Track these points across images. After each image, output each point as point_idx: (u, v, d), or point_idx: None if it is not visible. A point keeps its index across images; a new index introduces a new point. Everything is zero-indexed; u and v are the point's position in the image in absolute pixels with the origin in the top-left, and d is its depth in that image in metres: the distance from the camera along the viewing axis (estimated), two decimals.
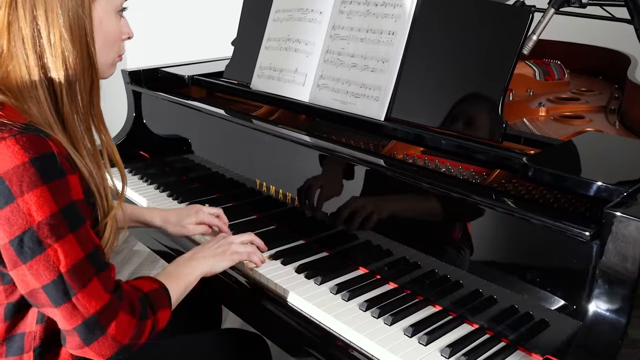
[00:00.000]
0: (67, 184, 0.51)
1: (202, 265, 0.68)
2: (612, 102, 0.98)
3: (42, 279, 0.50)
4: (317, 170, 0.81)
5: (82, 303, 0.51)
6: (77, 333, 0.51)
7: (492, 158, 0.68)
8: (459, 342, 0.60)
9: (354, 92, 0.84)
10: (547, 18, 0.89)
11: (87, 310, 0.51)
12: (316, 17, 0.91)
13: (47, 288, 0.50)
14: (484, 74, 0.72)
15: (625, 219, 0.51)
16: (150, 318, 0.57)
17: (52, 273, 0.50)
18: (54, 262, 0.49)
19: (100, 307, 0.52)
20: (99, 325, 0.52)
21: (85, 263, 0.51)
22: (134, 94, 1.17)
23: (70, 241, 0.50)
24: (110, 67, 0.60)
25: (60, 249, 0.50)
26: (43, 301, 0.51)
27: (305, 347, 0.66)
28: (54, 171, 0.50)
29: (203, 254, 0.70)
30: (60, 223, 0.49)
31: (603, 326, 0.53)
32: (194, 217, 0.80)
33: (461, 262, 0.65)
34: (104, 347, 0.52)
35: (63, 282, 0.50)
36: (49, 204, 0.49)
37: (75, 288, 0.50)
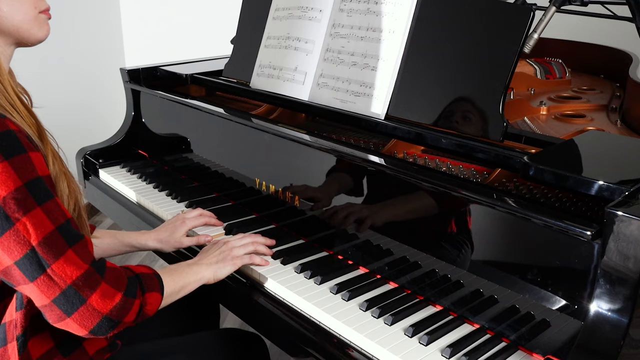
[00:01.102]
0: (30, 160, 0.50)
1: (204, 272, 0.68)
2: (613, 101, 0.98)
3: (14, 255, 0.49)
4: (317, 170, 0.80)
5: (57, 274, 0.50)
6: (56, 305, 0.50)
7: (493, 157, 0.68)
8: (459, 342, 0.59)
9: (354, 91, 0.84)
10: (548, 16, 0.89)
11: (64, 281, 0.50)
12: (316, 15, 0.90)
13: (20, 263, 0.49)
14: (484, 72, 0.71)
15: (627, 218, 0.50)
16: (138, 297, 0.56)
17: (23, 247, 0.49)
18: (24, 236, 0.49)
19: (77, 277, 0.51)
20: (78, 295, 0.51)
21: (56, 235, 0.50)
22: (133, 92, 1.16)
23: (39, 214, 0.50)
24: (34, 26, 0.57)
25: (29, 222, 0.49)
26: (18, 278, 0.50)
27: (304, 347, 0.65)
28: (13, 148, 0.49)
29: (206, 261, 0.70)
30: (26, 197, 0.49)
31: (604, 326, 0.52)
32: (182, 228, 0.80)
33: (462, 261, 0.64)
34: (85, 317, 0.51)
35: (36, 255, 0.49)
36: (13, 179, 0.49)
37: (49, 259, 0.50)
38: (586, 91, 1.04)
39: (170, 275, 0.63)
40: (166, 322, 0.82)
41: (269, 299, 0.70)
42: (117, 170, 1.13)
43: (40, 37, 0.59)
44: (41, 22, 0.58)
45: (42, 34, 0.59)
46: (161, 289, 0.60)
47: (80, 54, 1.99)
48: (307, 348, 0.65)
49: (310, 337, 0.64)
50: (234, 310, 0.83)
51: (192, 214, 0.83)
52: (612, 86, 1.09)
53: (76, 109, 1.98)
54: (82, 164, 1.15)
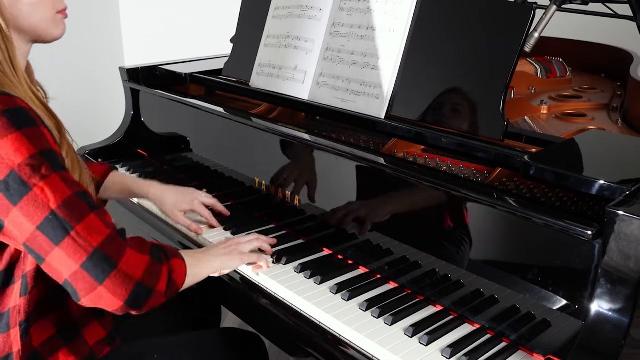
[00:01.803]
0: (42, 133, 0.52)
1: (214, 261, 0.68)
2: (614, 100, 0.97)
3: (35, 219, 0.50)
4: (317, 169, 0.80)
5: (82, 236, 0.50)
6: (86, 272, 0.50)
7: (493, 156, 0.68)
8: (460, 342, 0.59)
9: (354, 90, 0.83)
10: (549, 15, 0.88)
11: (90, 244, 0.50)
12: (316, 14, 0.90)
13: (43, 227, 0.50)
14: (485, 71, 0.71)
15: (628, 218, 0.50)
16: (165, 263, 0.56)
17: (44, 211, 0.49)
18: (42, 199, 0.50)
19: (102, 240, 0.51)
20: (107, 258, 0.50)
21: (75, 200, 0.51)
22: (132, 91, 1.16)
23: (55, 179, 0.51)
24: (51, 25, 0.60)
25: (46, 186, 0.50)
26: (44, 244, 0.50)
27: (304, 347, 0.65)
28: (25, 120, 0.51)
29: (215, 252, 0.70)
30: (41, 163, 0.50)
31: (605, 326, 0.52)
32: (188, 204, 0.81)
33: (462, 261, 0.64)
34: (118, 284, 0.51)
35: (57, 218, 0.50)
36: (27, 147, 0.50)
37: (72, 222, 0.50)
38: (587, 90, 1.04)
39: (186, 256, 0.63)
40: (166, 322, 0.82)
41: (268, 298, 0.70)
42: None
43: (56, 36, 0.61)
44: (58, 22, 0.60)
45: (59, 33, 0.61)
46: (183, 259, 0.60)
47: (79, 53, 1.98)
48: (306, 348, 0.65)
49: (310, 337, 0.64)
50: (234, 310, 0.83)
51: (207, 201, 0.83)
52: (613, 85, 1.08)
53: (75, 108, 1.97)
54: None
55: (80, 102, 2.04)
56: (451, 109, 0.74)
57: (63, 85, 1.98)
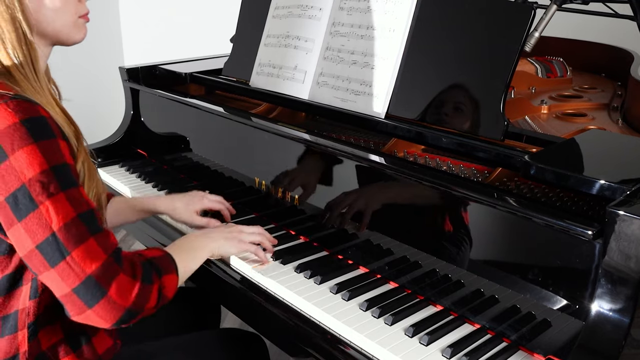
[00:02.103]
0: (58, 146, 0.52)
1: (211, 244, 0.69)
2: (615, 100, 0.97)
3: (36, 237, 0.50)
4: (317, 169, 0.80)
5: (77, 262, 0.50)
6: (76, 295, 0.51)
7: (493, 156, 0.68)
8: (460, 342, 0.59)
9: (354, 90, 0.83)
10: (550, 15, 0.88)
11: (83, 270, 0.50)
12: (316, 14, 0.90)
13: (42, 247, 0.50)
14: (485, 71, 0.71)
15: (629, 218, 0.50)
16: (155, 282, 0.56)
17: (45, 231, 0.50)
18: (46, 219, 0.50)
19: (96, 267, 0.51)
20: (98, 285, 0.51)
21: (77, 222, 0.51)
22: (132, 91, 1.16)
23: (61, 199, 0.50)
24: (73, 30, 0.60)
25: (51, 206, 0.50)
26: (39, 263, 0.51)
27: (304, 347, 0.65)
28: (43, 132, 0.51)
29: (212, 235, 0.71)
30: (50, 180, 0.50)
31: (606, 326, 0.52)
32: (199, 204, 0.81)
33: (462, 261, 0.64)
34: (107, 310, 0.51)
35: (56, 240, 0.50)
36: (39, 161, 0.50)
37: (69, 246, 0.50)
38: (587, 90, 1.04)
39: (180, 253, 0.63)
40: (166, 323, 0.82)
41: (268, 299, 0.70)
42: (116, 169, 1.13)
43: (77, 40, 0.61)
44: (80, 26, 0.61)
45: (80, 37, 0.61)
46: (175, 269, 0.60)
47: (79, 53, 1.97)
48: (306, 348, 0.65)
49: (310, 337, 0.64)
50: (234, 310, 0.83)
51: (213, 197, 0.83)
52: (613, 85, 1.08)
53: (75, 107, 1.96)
54: None
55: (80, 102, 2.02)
56: (451, 109, 0.74)
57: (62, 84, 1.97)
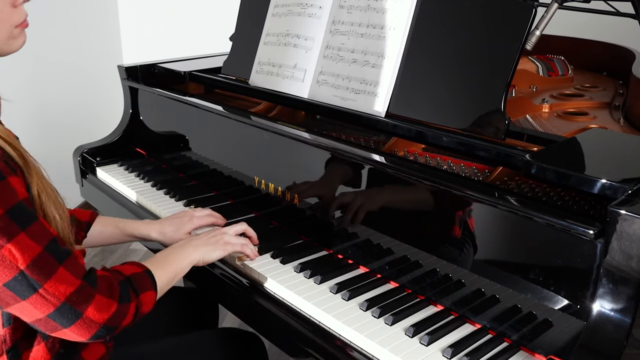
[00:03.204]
0: (9, 185, 0.50)
1: (194, 254, 0.68)
2: (616, 99, 0.97)
3: (2, 278, 0.49)
4: (316, 168, 0.80)
5: (50, 292, 0.50)
6: (51, 319, 0.51)
7: (494, 155, 0.67)
8: (460, 343, 0.59)
9: (354, 88, 0.83)
10: (551, 13, 0.88)
11: (57, 298, 0.50)
12: (316, 12, 0.89)
13: (10, 285, 0.49)
14: (486, 69, 0.70)
15: (630, 217, 0.50)
16: (132, 300, 0.56)
17: (12, 271, 0.49)
18: (11, 261, 0.49)
19: (69, 293, 0.51)
20: (73, 310, 0.51)
21: (44, 256, 0.50)
22: (131, 90, 1.16)
23: (23, 239, 0.49)
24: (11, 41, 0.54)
25: (14, 247, 0.49)
26: (7, 299, 0.50)
27: (304, 347, 0.65)
28: None
29: (195, 243, 0.70)
30: (8, 224, 0.49)
31: (607, 326, 0.52)
32: (189, 225, 0.79)
33: (463, 261, 0.64)
34: (82, 328, 0.52)
35: (25, 278, 0.49)
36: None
37: (40, 280, 0.50)
38: (589, 89, 1.03)
39: (161, 267, 0.63)
40: (165, 322, 0.82)
41: (268, 298, 0.70)
42: (115, 168, 1.12)
43: (14, 50, 0.56)
44: (16, 36, 0.55)
45: (17, 47, 0.56)
46: (154, 286, 0.60)
47: (77, 52, 1.98)
48: (306, 348, 0.64)
49: (310, 337, 0.64)
50: (233, 310, 0.82)
51: (202, 213, 0.81)
52: (615, 84, 1.08)
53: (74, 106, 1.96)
54: (80, 162, 1.14)
55: (79, 101, 2.03)
56: (452, 107, 0.73)
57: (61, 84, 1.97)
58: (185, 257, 0.67)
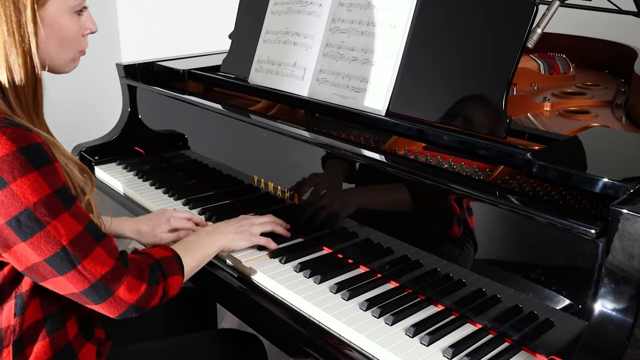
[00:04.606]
0: (55, 169, 0.54)
1: (221, 240, 0.71)
2: (618, 97, 0.96)
3: (44, 253, 0.52)
4: (316, 167, 0.79)
5: (87, 269, 0.54)
6: (84, 295, 0.54)
7: (495, 154, 0.67)
8: (461, 343, 0.59)
9: (354, 87, 0.82)
10: (552, 11, 0.87)
11: (93, 275, 0.54)
12: (315, 10, 0.89)
13: (51, 260, 0.52)
14: (487, 68, 0.70)
15: (632, 216, 0.49)
16: (160, 283, 0.59)
17: (54, 246, 0.52)
18: (54, 236, 0.52)
19: (105, 272, 0.54)
20: (106, 288, 0.55)
21: (84, 235, 0.54)
22: (129, 88, 1.15)
23: (67, 218, 0.53)
24: (70, 63, 0.62)
25: (59, 224, 0.52)
26: (45, 273, 0.53)
27: (303, 347, 0.65)
28: (42, 159, 0.53)
29: (224, 230, 0.73)
30: (55, 203, 0.52)
31: (609, 326, 0.51)
32: (165, 225, 0.80)
33: (464, 260, 0.64)
34: (112, 306, 0.56)
35: (67, 253, 0.53)
36: (43, 187, 0.52)
37: (79, 257, 0.53)
38: (590, 87, 1.03)
39: (189, 252, 0.66)
40: (164, 323, 0.81)
41: (267, 298, 0.69)
42: (113, 167, 1.12)
43: (67, 71, 0.63)
44: (75, 60, 0.62)
45: (71, 69, 0.63)
46: (181, 270, 0.63)
47: None
48: (306, 348, 0.64)
49: (310, 337, 0.64)
50: (232, 310, 0.82)
51: (180, 215, 0.82)
52: (616, 82, 1.07)
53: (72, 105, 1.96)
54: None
55: (77, 99, 2.02)
56: (453, 106, 0.73)
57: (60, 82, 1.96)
58: (212, 243, 0.70)
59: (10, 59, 0.55)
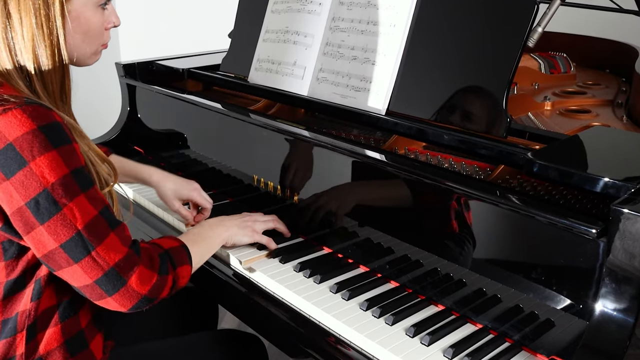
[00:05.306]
0: (74, 150, 0.54)
1: (225, 232, 0.71)
2: (619, 96, 0.96)
3: (60, 238, 0.52)
4: (316, 166, 0.79)
5: (101, 256, 0.53)
6: (98, 285, 0.54)
7: (496, 153, 0.67)
8: (462, 343, 0.58)
9: (354, 86, 0.82)
10: (553, 9, 0.87)
11: (107, 263, 0.53)
12: (315, 9, 0.88)
13: (66, 245, 0.52)
14: (488, 67, 0.70)
15: (633, 216, 0.49)
16: (170, 273, 0.59)
17: (70, 231, 0.52)
18: (70, 220, 0.52)
19: (119, 259, 0.54)
20: (119, 276, 0.54)
21: (99, 220, 0.54)
22: (128, 87, 1.15)
23: (83, 200, 0.53)
24: (92, 56, 0.63)
25: (75, 207, 0.52)
26: (61, 261, 0.53)
27: (303, 347, 0.64)
28: (61, 138, 0.52)
29: (228, 223, 0.73)
30: (72, 183, 0.52)
31: (610, 326, 0.51)
32: (186, 193, 0.82)
33: (464, 260, 0.63)
34: (125, 297, 0.55)
35: (82, 238, 0.52)
36: (61, 167, 0.51)
37: (94, 242, 0.53)
38: (591, 86, 1.03)
39: (196, 244, 0.66)
40: (164, 323, 0.81)
41: (267, 298, 0.69)
42: None
43: (90, 64, 0.63)
44: (97, 54, 0.63)
45: (93, 62, 0.64)
46: (190, 260, 0.63)
47: None
48: (306, 348, 0.64)
49: (310, 337, 0.63)
50: (232, 310, 0.82)
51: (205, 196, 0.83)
52: (617, 81, 1.07)
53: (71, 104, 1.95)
54: None
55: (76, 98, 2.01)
56: (453, 105, 0.73)
57: None
58: (217, 235, 0.70)
59: (39, 52, 0.55)
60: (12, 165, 0.50)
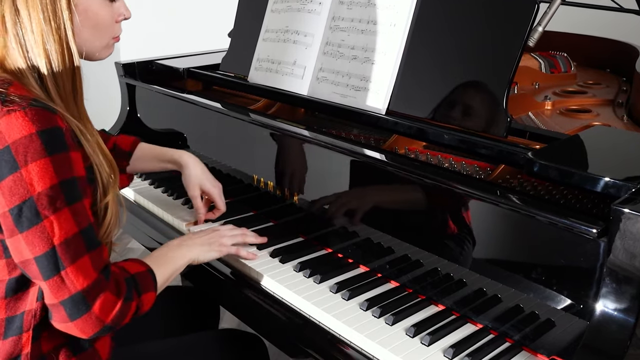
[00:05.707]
0: (70, 159, 0.52)
1: (189, 253, 0.69)
2: (619, 96, 0.96)
3: (36, 250, 0.51)
4: (316, 166, 0.79)
5: (70, 278, 0.52)
6: (63, 307, 0.53)
7: (496, 153, 0.67)
8: (462, 343, 0.58)
9: (354, 85, 0.82)
10: (554, 9, 0.87)
11: (74, 286, 0.52)
12: (315, 8, 0.88)
13: (39, 259, 0.51)
14: (488, 66, 0.70)
15: (634, 216, 0.49)
16: (134, 300, 0.58)
17: (45, 245, 0.51)
18: (49, 233, 0.51)
19: (87, 285, 0.53)
20: (85, 302, 0.53)
21: (77, 238, 0.52)
22: (128, 87, 1.15)
23: (66, 215, 0.52)
24: (104, 50, 0.62)
25: (55, 221, 0.51)
26: (34, 272, 0.52)
27: (303, 347, 0.64)
28: (58, 145, 0.51)
29: (192, 242, 0.71)
30: (58, 195, 0.51)
31: (611, 326, 0.51)
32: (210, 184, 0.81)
33: (464, 260, 0.63)
34: (87, 324, 0.54)
35: (55, 255, 0.51)
36: (50, 175, 0.50)
37: (65, 262, 0.52)
38: (592, 85, 1.03)
39: (161, 266, 0.64)
40: (164, 323, 0.81)
41: (267, 298, 0.69)
42: None
43: (102, 58, 0.63)
44: (109, 47, 0.63)
45: (105, 56, 0.63)
46: (155, 287, 0.61)
47: None
48: (306, 348, 0.64)
49: (310, 337, 0.63)
50: (232, 310, 0.82)
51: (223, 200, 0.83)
52: (618, 80, 1.07)
53: None
54: None
55: None
56: (453, 105, 0.72)
57: None
58: (181, 256, 0.68)
59: (48, 47, 0.54)
60: (4, 169, 0.49)
